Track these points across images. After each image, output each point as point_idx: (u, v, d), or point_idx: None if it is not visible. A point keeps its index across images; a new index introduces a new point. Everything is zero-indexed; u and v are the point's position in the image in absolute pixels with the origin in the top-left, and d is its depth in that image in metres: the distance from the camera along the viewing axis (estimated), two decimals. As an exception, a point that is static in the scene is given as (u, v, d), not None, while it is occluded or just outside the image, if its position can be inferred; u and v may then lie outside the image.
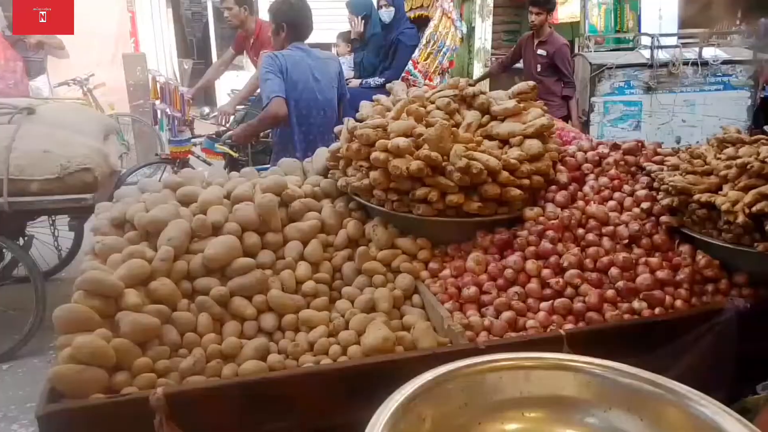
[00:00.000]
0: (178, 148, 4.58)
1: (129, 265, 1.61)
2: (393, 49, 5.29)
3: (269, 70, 3.17)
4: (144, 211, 1.82)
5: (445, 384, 0.91)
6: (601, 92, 4.82)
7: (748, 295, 1.70)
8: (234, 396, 1.36)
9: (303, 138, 3.31)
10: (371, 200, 1.94)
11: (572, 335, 1.51)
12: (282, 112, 3.15)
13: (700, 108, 4.94)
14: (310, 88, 3.29)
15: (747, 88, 4.99)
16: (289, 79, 3.20)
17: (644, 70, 4.85)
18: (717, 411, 0.83)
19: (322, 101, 3.34)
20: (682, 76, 4.82)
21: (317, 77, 3.33)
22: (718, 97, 4.94)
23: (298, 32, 3.35)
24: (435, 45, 5.21)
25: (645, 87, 4.84)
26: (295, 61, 3.26)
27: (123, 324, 1.48)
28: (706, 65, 4.86)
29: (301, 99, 3.27)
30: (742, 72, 4.94)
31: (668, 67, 4.81)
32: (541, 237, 1.77)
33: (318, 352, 1.57)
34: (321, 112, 3.35)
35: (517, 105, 2.03)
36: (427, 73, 5.26)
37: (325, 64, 3.41)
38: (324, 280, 1.80)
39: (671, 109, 4.90)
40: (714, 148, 1.89)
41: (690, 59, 4.83)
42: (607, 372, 0.92)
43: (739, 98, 4.98)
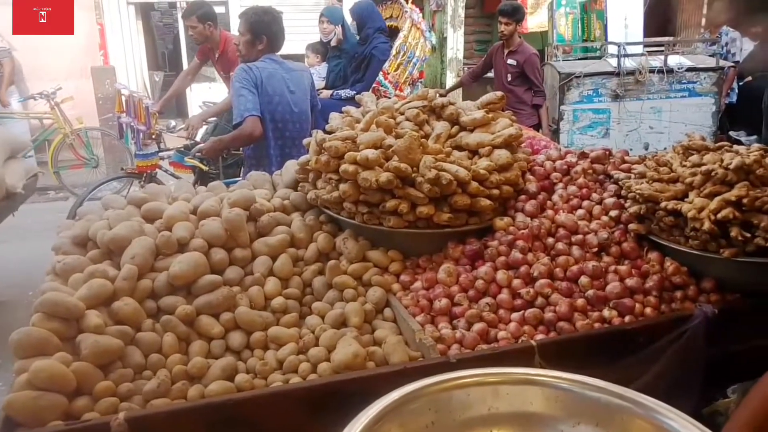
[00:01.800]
0: (145, 162, 4.50)
1: (90, 285, 1.56)
2: (366, 62, 5.37)
3: (243, 84, 3.12)
4: (107, 228, 1.77)
5: (412, 403, 0.89)
6: (570, 100, 4.90)
7: (715, 300, 1.71)
8: (199, 418, 1.32)
9: (279, 152, 3.27)
10: (341, 213, 1.92)
11: (543, 346, 1.50)
12: (257, 132, 3.12)
13: (667, 114, 5.04)
14: (285, 100, 3.27)
15: (711, 94, 5.11)
16: (264, 92, 3.17)
17: (612, 78, 4.94)
18: (684, 424, 0.82)
19: (297, 113, 3.32)
20: (649, 83, 4.92)
21: (292, 89, 3.30)
22: (683, 104, 5.06)
23: (274, 44, 3.33)
24: (405, 56, 5.27)
25: (613, 95, 4.92)
26: (270, 73, 3.23)
27: (84, 346, 1.43)
28: (671, 73, 4.97)
29: (277, 112, 3.24)
30: (705, 79, 5.06)
31: (635, 75, 4.90)
32: (511, 247, 1.77)
33: (287, 371, 1.53)
34: (296, 125, 3.32)
35: (486, 115, 2.04)
36: (398, 84, 5.31)
37: (299, 76, 3.39)
38: (294, 296, 1.77)
39: (639, 116, 5.00)
40: (679, 155, 1.91)
41: (656, 67, 4.93)
42: (574, 386, 0.91)
43: (703, 104, 5.10)
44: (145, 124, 4.46)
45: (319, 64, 6.15)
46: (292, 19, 7.61)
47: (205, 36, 4.66)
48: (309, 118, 3.44)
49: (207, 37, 4.67)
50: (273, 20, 3.30)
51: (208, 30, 4.62)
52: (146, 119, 4.46)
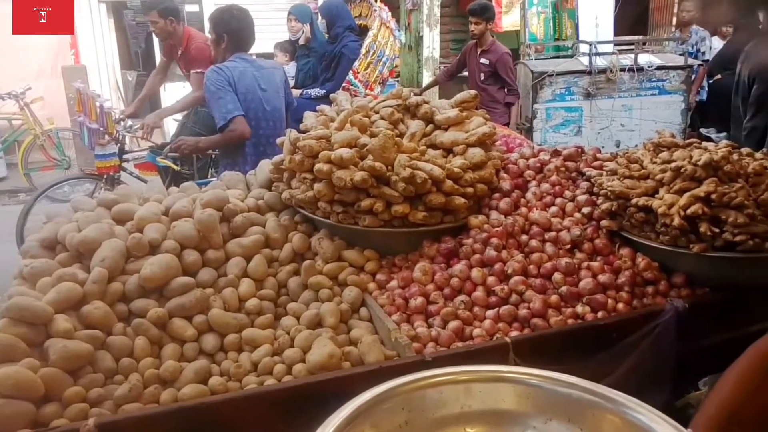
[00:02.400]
0: (104, 163, 4.35)
1: (59, 289, 1.53)
2: (336, 61, 5.29)
3: (219, 86, 3.11)
4: (76, 231, 1.73)
5: (385, 403, 0.89)
6: (543, 99, 4.94)
7: (686, 295, 1.74)
8: (172, 423, 1.30)
9: (253, 150, 3.27)
10: (316, 212, 1.91)
11: (517, 342, 1.51)
12: (247, 132, 3.13)
13: (637, 112, 5.12)
14: (257, 98, 3.26)
15: (680, 92, 5.20)
16: (237, 91, 3.16)
17: (583, 76, 5.00)
18: (653, 418, 0.83)
19: (270, 111, 3.31)
20: (620, 81, 4.98)
21: (263, 87, 3.29)
22: (653, 102, 5.14)
23: (239, 43, 3.31)
24: (374, 55, 5.21)
25: (585, 93, 4.98)
26: (241, 72, 3.21)
27: (52, 352, 1.40)
28: (641, 71, 5.04)
29: (249, 110, 3.23)
30: (674, 77, 5.14)
31: (606, 74, 4.96)
32: (485, 245, 1.78)
33: (262, 372, 1.52)
34: (270, 123, 3.32)
35: (460, 114, 2.04)
36: (368, 83, 5.27)
37: (271, 73, 3.38)
38: (268, 297, 1.76)
39: (610, 114, 5.06)
40: (650, 153, 1.94)
41: (626, 65, 5.00)
42: (546, 383, 0.92)
43: (673, 102, 5.19)
44: (98, 122, 4.30)
45: (287, 63, 6.07)
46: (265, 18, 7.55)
47: (167, 32, 4.53)
48: (283, 116, 3.44)
49: (169, 33, 4.54)
50: (232, 18, 3.29)
51: (170, 26, 4.49)
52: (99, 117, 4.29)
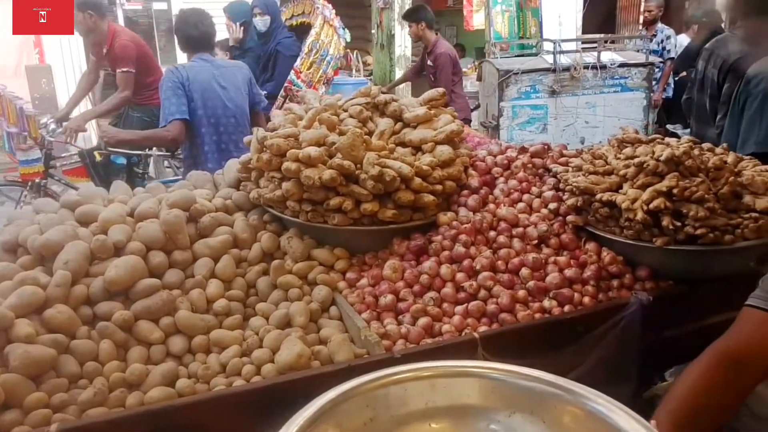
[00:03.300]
0: (28, 169, 4.17)
1: (20, 293, 1.49)
2: (272, 60, 5.13)
3: (168, 86, 3.19)
4: (38, 233, 1.70)
5: (349, 401, 0.89)
6: (509, 97, 4.97)
7: (650, 288, 1.78)
8: (138, 427, 1.28)
9: (215, 148, 3.30)
10: (285, 212, 1.90)
11: (486, 337, 1.53)
12: (181, 137, 3.20)
13: (601, 109, 5.19)
14: (216, 96, 3.30)
15: (642, 89, 5.29)
16: (192, 90, 3.22)
17: (548, 74, 5.04)
18: (612, 408, 0.84)
19: (231, 108, 3.36)
20: (583, 79, 5.04)
21: (223, 85, 3.34)
22: (616, 99, 5.22)
23: (189, 43, 3.41)
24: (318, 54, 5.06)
25: (550, 91, 5.03)
26: (197, 71, 3.29)
27: (13, 357, 1.37)
28: (604, 68, 5.10)
29: (207, 108, 3.28)
30: (636, 74, 5.23)
31: (570, 71, 5.01)
32: (454, 241, 1.79)
33: (230, 374, 1.51)
34: (231, 120, 3.36)
35: (428, 112, 2.05)
36: (311, 83, 5.13)
37: (231, 72, 3.45)
38: (237, 298, 1.74)
39: (575, 112, 5.12)
40: (614, 149, 1.97)
41: (589, 63, 5.06)
42: (509, 376, 0.93)
43: (634, 99, 5.28)
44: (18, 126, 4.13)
45: None
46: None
47: (88, 27, 4.31)
48: (246, 113, 3.48)
49: (90, 28, 4.32)
50: (189, 21, 3.39)
51: (89, 20, 4.26)
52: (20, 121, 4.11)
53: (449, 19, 11.79)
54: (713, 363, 1.21)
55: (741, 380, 1.19)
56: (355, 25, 11.89)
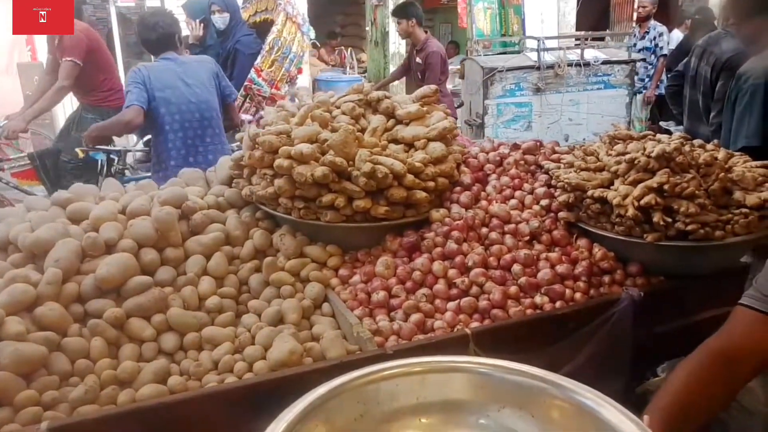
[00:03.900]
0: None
1: (11, 291, 1.49)
2: (231, 59, 4.97)
3: (130, 82, 3.33)
4: (29, 231, 1.69)
5: (339, 397, 0.89)
6: (493, 95, 4.95)
7: (641, 284, 1.79)
8: (129, 424, 1.28)
9: (181, 144, 3.42)
10: (278, 209, 1.90)
11: (478, 333, 1.53)
12: (136, 121, 3.28)
13: (584, 106, 5.19)
14: (179, 92, 3.39)
15: (624, 86, 5.30)
16: (153, 89, 3.32)
17: (532, 72, 5.03)
18: (600, 402, 0.85)
19: (196, 103, 3.44)
20: (567, 76, 5.03)
21: (187, 81, 3.43)
22: (599, 96, 5.22)
23: (154, 46, 3.52)
24: (280, 52, 4.92)
25: (534, 88, 5.02)
26: (159, 70, 3.41)
27: (3, 355, 1.36)
28: (587, 66, 5.10)
29: (171, 104, 3.37)
30: (619, 71, 5.24)
31: (554, 69, 5.01)
32: (447, 238, 1.79)
33: (222, 371, 1.50)
34: (196, 115, 3.44)
35: (421, 109, 2.05)
36: (273, 82, 5.02)
37: (195, 67, 3.54)
38: (229, 295, 1.74)
39: (559, 109, 5.11)
40: (606, 145, 1.98)
41: (573, 60, 5.06)
42: (498, 371, 0.93)
43: (617, 96, 5.29)
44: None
45: None
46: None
47: None
48: (213, 107, 3.55)
49: None
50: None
51: None
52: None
53: (444, 16, 11.77)
54: (706, 361, 1.22)
55: (733, 378, 1.20)
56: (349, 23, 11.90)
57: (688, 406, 1.16)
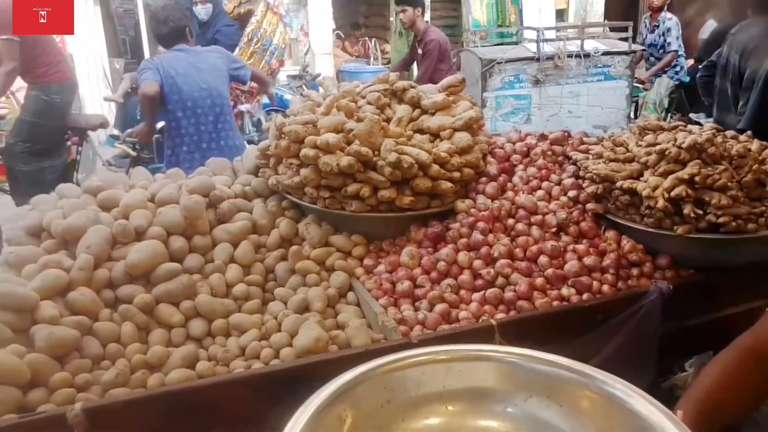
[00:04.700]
0: None
1: (44, 276, 1.53)
2: None
3: (142, 69, 3.50)
4: (61, 218, 1.73)
5: (366, 382, 0.90)
6: (492, 87, 4.81)
7: (670, 277, 1.76)
8: (159, 407, 1.31)
9: (194, 130, 3.54)
10: (303, 198, 1.91)
11: (503, 324, 1.53)
12: (151, 90, 3.39)
13: (584, 98, 5.03)
14: (191, 80, 3.51)
15: (625, 77, 5.15)
16: (166, 75, 3.44)
17: (532, 63, 4.89)
18: (629, 393, 0.84)
19: (208, 90, 3.55)
20: (567, 68, 4.90)
21: (198, 66, 3.55)
22: (599, 87, 5.06)
23: (166, 40, 3.63)
24: (259, 44, 4.77)
25: (533, 80, 4.88)
26: (171, 59, 3.53)
27: (38, 338, 1.40)
28: (587, 57, 4.97)
29: (183, 91, 3.48)
30: (619, 62, 5.09)
31: (554, 60, 4.89)
32: (472, 229, 1.78)
33: (249, 357, 1.53)
34: (208, 101, 3.55)
35: (446, 98, 2.04)
36: None
37: (206, 55, 3.69)
38: (256, 282, 1.76)
39: (559, 101, 4.97)
40: (636, 136, 1.95)
41: (573, 52, 4.94)
42: (525, 360, 0.93)
43: (618, 88, 5.13)
44: None
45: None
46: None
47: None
48: (224, 94, 3.67)
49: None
50: (151, 18, 3.68)
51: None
52: None
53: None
54: (738, 358, 1.20)
55: (766, 378, 1.18)
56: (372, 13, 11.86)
57: (720, 403, 1.14)
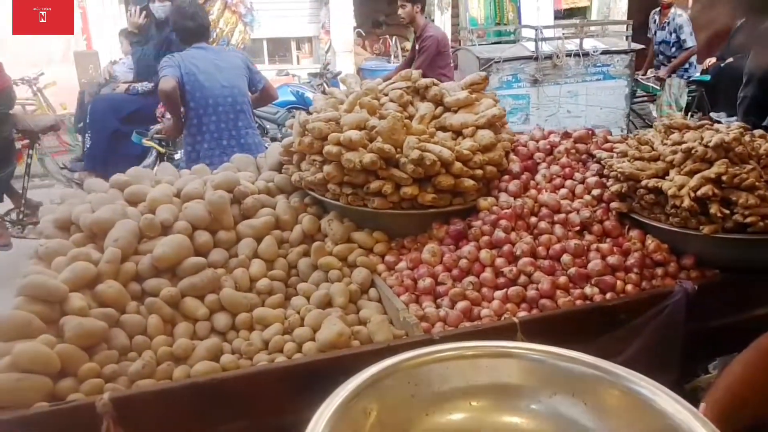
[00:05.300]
0: None
1: (73, 268, 1.56)
2: (165, 48, 4.53)
3: (162, 66, 3.50)
4: (89, 211, 1.76)
5: (391, 377, 0.91)
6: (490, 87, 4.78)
7: (695, 277, 1.74)
8: (184, 398, 1.33)
9: (215, 127, 3.57)
10: (326, 194, 1.92)
11: (525, 323, 1.52)
12: (167, 87, 3.41)
13: (583, 98, 4.97)
14: (212, 78, 3.54)
15: (624, 77, 5.07)
16: (187, 72, 3.47)
17: (530, 62, 4.82)
18: (654, 391, 0.84)
19: (228, 87, 3.59)
20: (566, 67, 4.83)
21: (219, 65, 3.57)
22: (598, 87, 4.99)
23: (190, 36, 3.65)
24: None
25: (532, 80, 4.82)
26: (192, 56, 3.56)
27: (68, 329, 1.43)
28: (586, 56, 4.89)
29: (204, 88, 3.51)
30: (618, 62, 5.00)
31: (552, 59, 4.81)
32: (494, 226, 1.78)
33: (272, 350, 1.54)
34: (228, 99, 3.58)
35: (469, 96, 2.04)
36: None
37: (226, 54, 3.74)
38: (279, 277, 1.78)
39: (557, 101, 4.91)
40: (661, 134, 1.93)
41: (572, 51, 4.86)
42: (549, 357, 0.93)
43: (617, 87, 5.05)
44: None
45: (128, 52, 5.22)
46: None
47: None
48: (244, 92, 3.69)
49: None
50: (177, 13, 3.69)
51: None
52: None
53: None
54: (761, 357, 1.19)
55: None
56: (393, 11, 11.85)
57: (742, 402, 1.14)
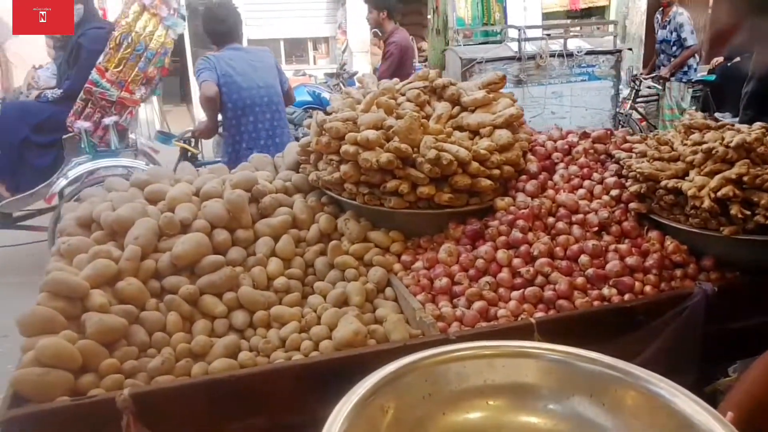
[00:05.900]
0: None
1: (94, 266, 1.58)
2: (75, 53, 4.39)
3: (200, 69, 3.53)
4: (110, 210, 1.79)
5: (409, 375, 0.91)
6: None
7: (715, 278, 1.72)
8: (203, 394, 1.35)
9: (253, 127, 3.59)
10: (343, 194, 1.93)
11: (542, 323, 1.52)
12: (210, 92, 3.44)
13: (568, 99, 4.89)
14: (249, 78, 3.56)
15: (610, 78, 4.99)
16: (224, 74, 3.49)
17: (513, 63, 4.76)
18: (674, 393, 0.83)
19: (265, 87, 3.62)
20: (550, 68, 4.77)
21: (254, 65, 3.60)
22: (583, 88, 4.91)
23: (222, 38, 3.66)
24: (130, 49, 4.25)
25: (516, 80, 4.77)
26: (228, 57, 3.57)
27: (89, 325, 1.46)
28: (571, 56, 4.83)
29: (242, 89, 3.52)
30: (604, 62, 4.93)
31: (536, 60, 4.76)
32: (511, 226, 1.78)
33: (289, 348, 1.55)
34: (265, 99, 3.61)
35: (487, 95, 2.03)
36: (124, 83, 4.37)
37: (260, 54, 3.77)
38: (296, 276, 1.79)
39: (542, 102, 4.85)
40: (681, 134, 1.91)
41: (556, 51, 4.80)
42: (568, 358, 0.93)
43: (602, 88, 4.97)
44: None
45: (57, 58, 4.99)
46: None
47: None
48: (278, 91, 3.72)
49: None
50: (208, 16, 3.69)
51: None
52: None
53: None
54: None
55: None
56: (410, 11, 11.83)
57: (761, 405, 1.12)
